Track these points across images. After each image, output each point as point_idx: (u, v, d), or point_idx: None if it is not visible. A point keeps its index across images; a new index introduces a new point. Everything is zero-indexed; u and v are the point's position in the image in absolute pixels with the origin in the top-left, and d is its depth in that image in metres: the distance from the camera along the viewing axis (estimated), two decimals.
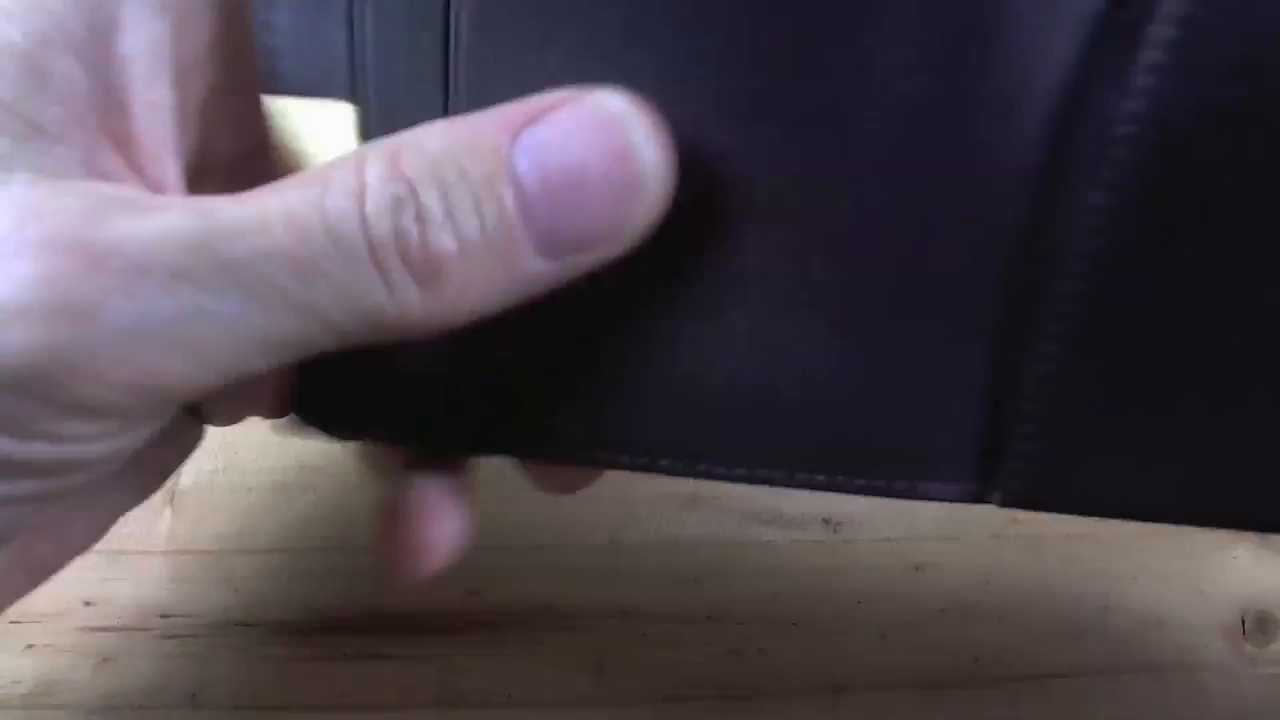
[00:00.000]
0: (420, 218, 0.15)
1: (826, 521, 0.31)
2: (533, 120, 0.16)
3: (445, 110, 0.17)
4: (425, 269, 0.15)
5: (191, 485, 0.31)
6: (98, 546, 0.29)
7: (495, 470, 0.23)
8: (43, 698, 0.27)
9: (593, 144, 0.16)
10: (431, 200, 0.15)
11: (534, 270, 0.16)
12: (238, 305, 0.15)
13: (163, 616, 0.28)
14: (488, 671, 0.28)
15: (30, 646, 0.28)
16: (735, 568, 0.30)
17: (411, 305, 0.16)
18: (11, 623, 0.28)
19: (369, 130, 0.18)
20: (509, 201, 0.15)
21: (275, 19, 0.19)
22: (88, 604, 0.29)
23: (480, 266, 0.16)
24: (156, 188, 0.17)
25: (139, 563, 0.29)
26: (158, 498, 0.28)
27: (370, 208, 0.15)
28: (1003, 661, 0.29)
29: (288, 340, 0.16)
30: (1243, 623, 0.30)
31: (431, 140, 0.16)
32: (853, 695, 0.29)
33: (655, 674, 0.29)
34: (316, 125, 0.21)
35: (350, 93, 0.18)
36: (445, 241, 0.15)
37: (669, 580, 0.30)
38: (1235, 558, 0.31)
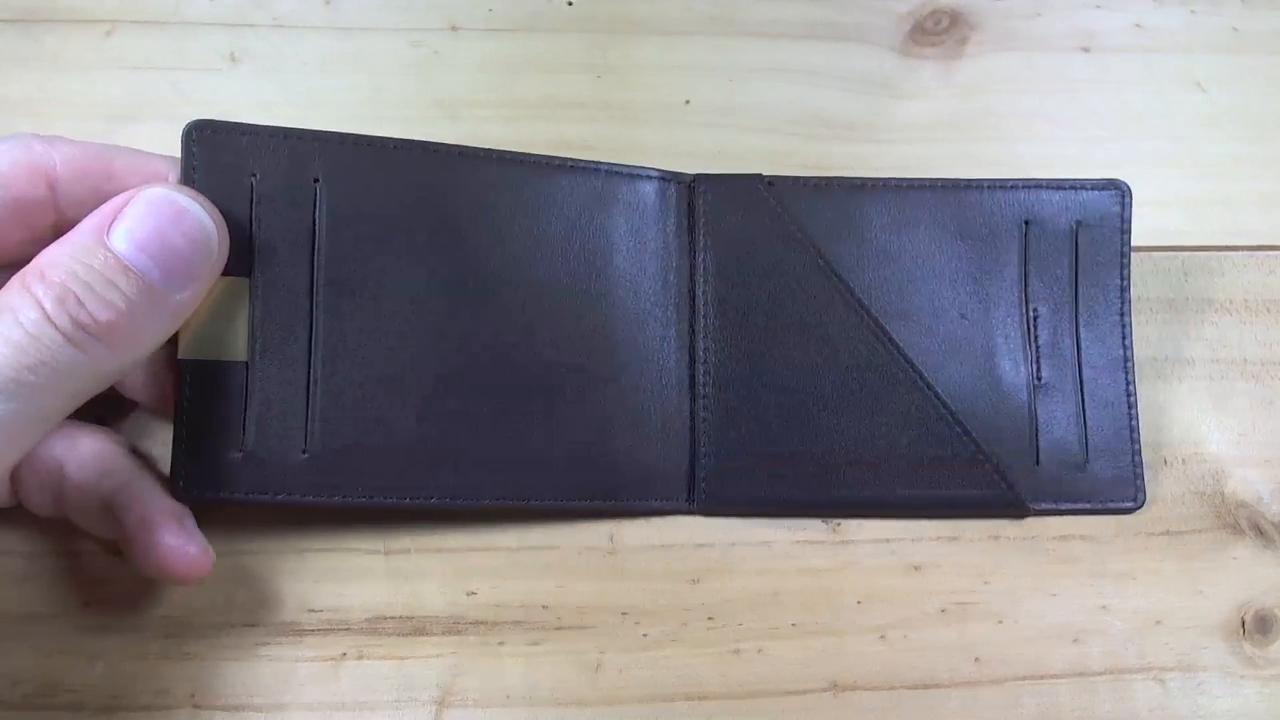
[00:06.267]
0: (80, 303, 0.22)
1: (826, 521, 0.31)
2: (117, 215, 0.24)
3: None
4: (102, 331, 0.23)
5: None
6: (98, 546, 0.29)
7: None
8: (43, 698, 0.27)
9: (158, 213, 0.24)
10: (77, 289, 0.22)
11: (176, 300, 0.24)
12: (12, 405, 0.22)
13: (163, 616, 0.29)
14: (487, 671, 0.29)
15: (30, 646, 0.28)
16: (735, 568, 0.30)
17: (104, 358, 0.23)
18: (12, 623, 0.28)
19: None
20: (127, 273, 0.23)
21: None
22: (87, 604, 0.29)
23: (142, 314, 0.23)
24: None
25: None
26: None
27: (49, 310, 0.22)
28: (1003, 661, 0.29)
29: (47, 416, 0.24)
30: (1242, 623, 0.30)
31: (49, 254, 0.23)
32: (852, 695, 0.29)
33: (655, 674, 0.29)
34: None
35: None
36: (105, 312, 0.23)
37: (669, 580, 0.30)
38: (1235, 558, 0.31)
